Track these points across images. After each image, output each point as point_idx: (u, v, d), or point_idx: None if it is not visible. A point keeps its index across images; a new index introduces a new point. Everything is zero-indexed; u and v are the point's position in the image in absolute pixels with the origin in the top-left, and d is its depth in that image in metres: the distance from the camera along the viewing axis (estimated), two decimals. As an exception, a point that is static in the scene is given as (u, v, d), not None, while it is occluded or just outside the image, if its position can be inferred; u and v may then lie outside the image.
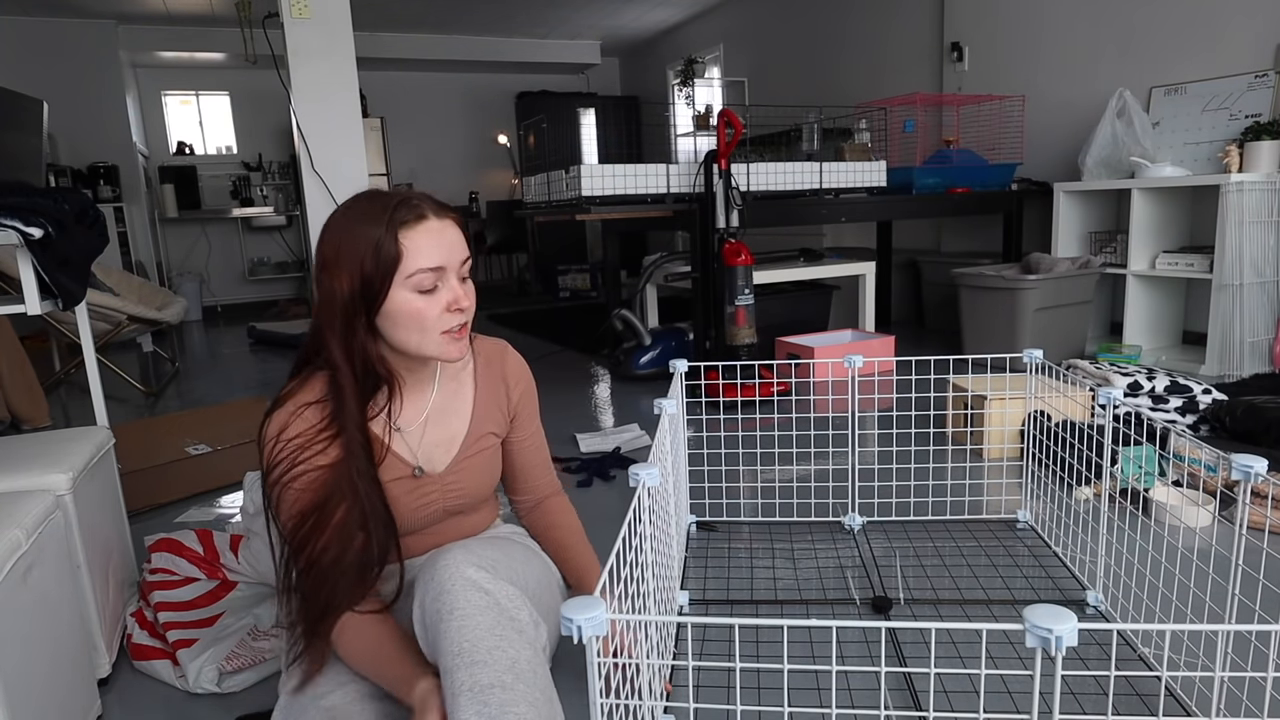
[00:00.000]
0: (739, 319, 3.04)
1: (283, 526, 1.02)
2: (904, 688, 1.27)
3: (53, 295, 1.60)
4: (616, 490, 2.24)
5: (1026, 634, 0.66)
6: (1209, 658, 1.26)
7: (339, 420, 1.02)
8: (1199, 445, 1.23)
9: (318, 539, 0.99)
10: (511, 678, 0.85)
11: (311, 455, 1.01)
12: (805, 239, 4.61)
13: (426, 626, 0.90)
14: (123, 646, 1.47)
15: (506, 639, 0.87)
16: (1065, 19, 4.15)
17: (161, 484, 2.34)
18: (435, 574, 0.91)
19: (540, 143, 7.33)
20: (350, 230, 1.00)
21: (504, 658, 0.86)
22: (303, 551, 0.99)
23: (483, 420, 1.19)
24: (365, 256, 0.98)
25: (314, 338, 1.06)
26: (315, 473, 1.01)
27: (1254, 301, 3.14)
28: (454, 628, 0.86)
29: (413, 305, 1.01)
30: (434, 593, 0.90)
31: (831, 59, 5.91)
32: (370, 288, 0.99)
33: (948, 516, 1.93)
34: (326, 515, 0.99)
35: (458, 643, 0.86)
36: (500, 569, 0.95)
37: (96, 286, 3.73)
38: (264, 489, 1.04)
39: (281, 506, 1.02)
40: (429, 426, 1.14)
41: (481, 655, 0.85)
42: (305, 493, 1.01)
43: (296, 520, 1.00)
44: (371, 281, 0.99)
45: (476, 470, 1.18)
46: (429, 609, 0.90)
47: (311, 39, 3.26)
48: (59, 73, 6.15)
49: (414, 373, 1.12)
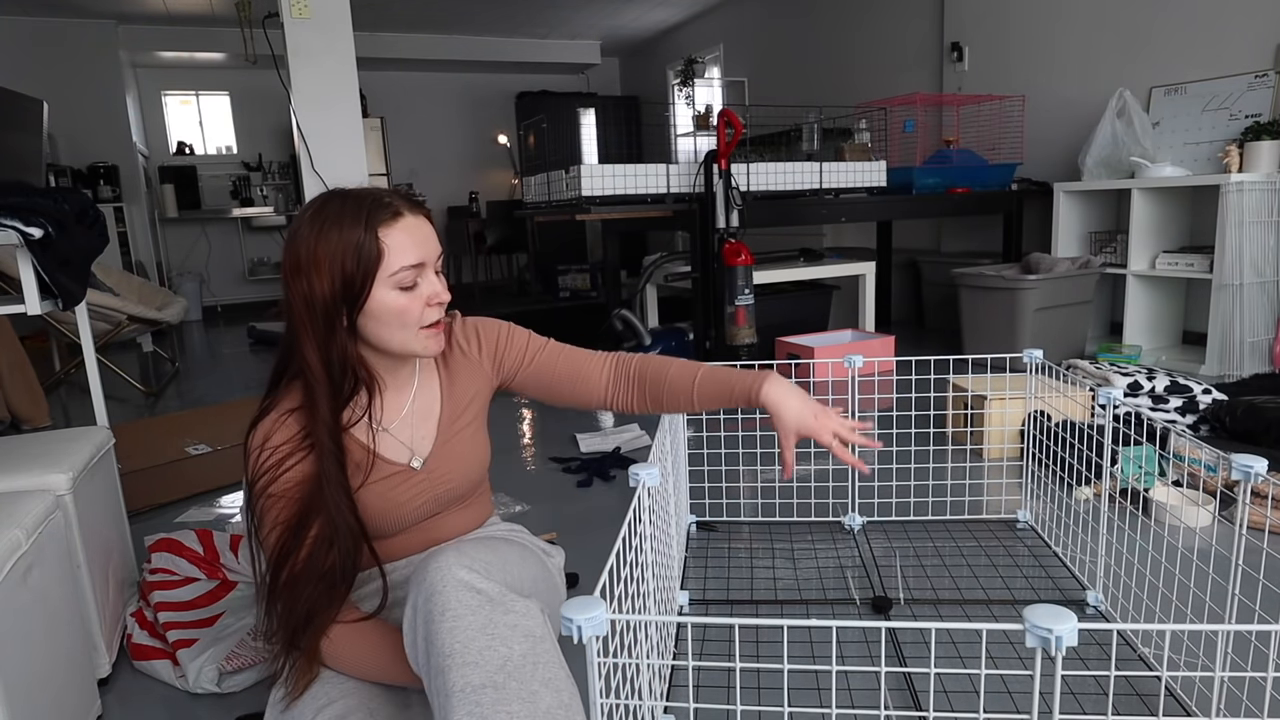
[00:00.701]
0: (739, 319, 3.04)
1: (266, 537, 1.01)
2: (904, 688, 1.27)
3: (53, 295, 1.60)
4: (616, 490, 2.24)
5: (1026, 634, 0.66)
6: (1209, 658, 1.26)
7: (313, 428, 1.02)
8: (1199, 445, 1.23)
9: (299, 551, 0.99)
10: (503, 677, 0.85)
11: (294, 464, 1.01)
12: (805, 239, 4.62)
13: (418, 629, 0.90)
14: (123, 646, 1.47)
15: (499, 637, 0.87)
16: (1065, 19, 4.15)
17: (161, 484, 2.34)
18: (427, 576, 0.91)
19: (540, 143, 7.32)
20: (325, 233, 0.99)
21: (495, 657, 0.85)
22: (285, 563, 0.99)
23: (455, 400, 1.18)
24: (346, 257, 0.97)
25: (287, 345, 1.05)
26: (297, 483, 1.01)
27: (1254, 301, 3.14)
28: (445, 628, 0.86)
29: (396, 302, 1.01)
30: (425, 594, 0.90)
31: (831, 59, 5.91)
32: (351, 288, 0.99)
33: (948, 516, 1.93)
34: (307, 526, 0.99)
35: (449, 644, 0.85)
36: (494, 570, 0.94)
37: (96, 286, 3.73)
38: (248, 499, 1.03)
39: (266, 517, 1.01)
40: (415, 420, 1.14)
41: (473, 656, 0.85)
42: (288, 503, 1.01)
43: (281, 530, 1.00)
44: (353, 281, 0.98)
45: (459, 453, 1.17)
46: (420, 610, 0.89)
47: (311, 39, 3.27)
48: (59, 73, 6.15)
49: (393, 371, 1.12)
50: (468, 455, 1.18)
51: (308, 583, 0.99)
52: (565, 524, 1.97)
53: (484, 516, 1.28)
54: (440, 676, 0.85)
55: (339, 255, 0.97)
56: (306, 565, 0.99)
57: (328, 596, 1.00)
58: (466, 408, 1.19)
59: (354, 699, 0.99)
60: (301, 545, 0.99)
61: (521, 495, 2.20)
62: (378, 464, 1.09)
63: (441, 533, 1.19)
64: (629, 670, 0.92)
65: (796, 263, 3.95)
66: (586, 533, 1.94)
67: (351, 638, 1.01)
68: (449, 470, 1.16)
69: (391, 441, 1.11)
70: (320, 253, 0.98)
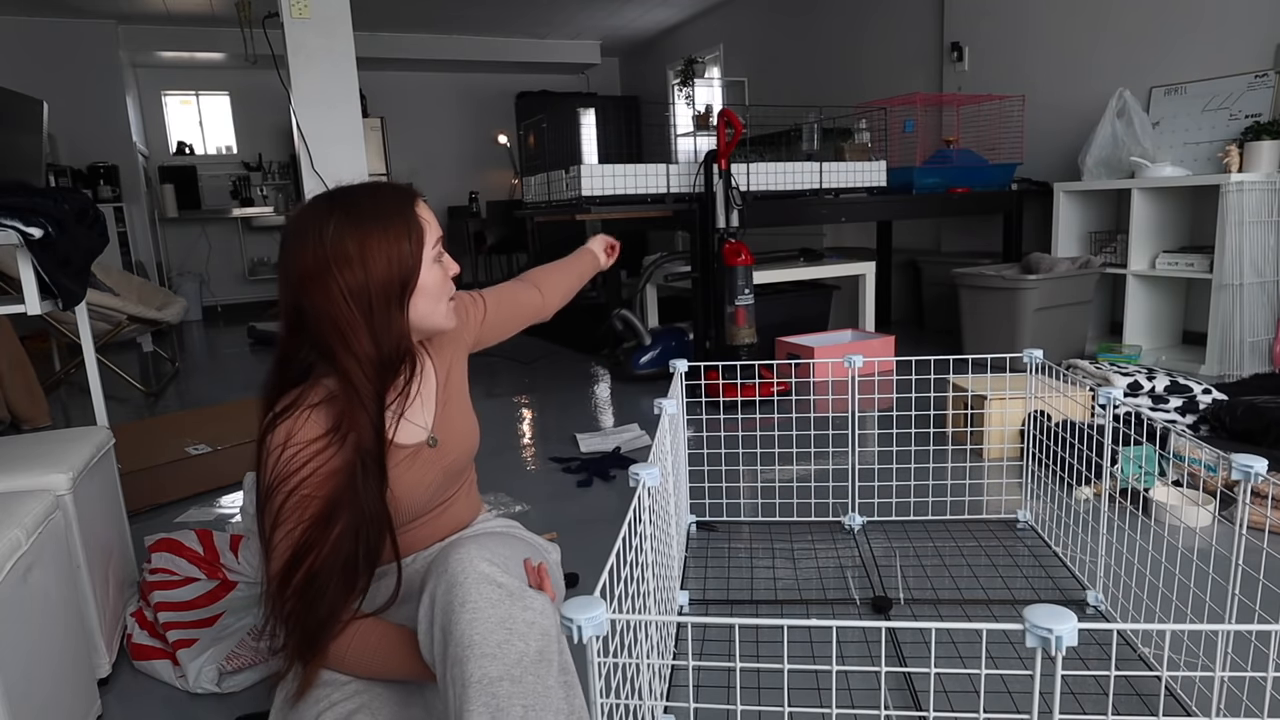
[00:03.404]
0: (739, 319, 3.04)
1: (288, 535, 0.99)
2: (904, 688, 1.27)
3: (53, 295, 1.60)
4: (616, 490, 2.24)
5: (1026, 634, 0.66)
6: (1209, 658, 1.26)
7: (351, 421, 1.01)
8: (1199, 445, 1.23)
9: (322, 547, 0.98)
10: (520, 671, 0.86)
11: (325, 460, 1.00)
12: (805, 239, 4.62)
13: (435, 619, 0.90)
14: (123, 646, 1.47)
15: (517, 632, 0.87)
16: (1065, 19, 4.15)
17: (161, 484, 2.34)
18: (449, 567, 0.91)
19: (540, 143, 7.32)
20: (365, 222, 1.01)
21: (513, 651, 0.86)
22: (304, 560, 0.98)
23: (443, 369, 1.20)
24: (399, 238, 1.03)
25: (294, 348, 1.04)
26: (327, 477, 1.00)
27: (1254, 301, 3.14)
28: (465, 620, 0.87)
29: (435, 275, 1.08)
30: (446, 585, 0.90)
31: (831, 59, 5.91)
32: (406, 266, 1.03)
33: (948, 516, 1.93)
34: (334, 522, 0.99)
35: (469, 635, 0.86)
36: (511, 564, 0.95)
37: (96, 286, 3.73)
38: (261, 499, 1.01)
39: (290, 516, 0.99)
40: (422, 399, 1.15)
41: (491, 648, 0.86)
42: (316, 500, 1.00)
43: (306, 526, 0.98)
44: (407, 259, 1.03)
45: (455, 422, 1.19)
46: (440, 601, 0.90)
47: (311, 39, 3.27)
48: (59, 73, 6.15)
49: None
50: (463, 422, 1.20)
51: (329, 578, 0.98)
52: (565, 524, 1.97)
53: (477, 508, 1.29)
54: (458, 666, 0.86)
55: (393, 238, 1.02)
56: (327, 562, 0.98)
57: (348, 592, 1.00)
58: (450, 375, 1.22)
59: (356, 700, 0.99)
60: (325, 542, 0.98)
61: (521, 495, 2.20)
62: (395, 449, 1.09)
63: (443, 525, 1.20)
64: (629, 670, 0.92)
65: (796, 263, 3.95)
66: (586, 533, 1.94)
67: (355, 636, 1.01)
68: (449, 438, 1.17)
69: (405, 425, 1.12)
70: (371, 239, 1.01)
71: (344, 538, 0.99)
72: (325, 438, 1.01)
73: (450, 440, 1.17)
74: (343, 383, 1.02)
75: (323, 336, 1.02)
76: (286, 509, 0.99)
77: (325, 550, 0.98)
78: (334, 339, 1.01)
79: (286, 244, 1.03)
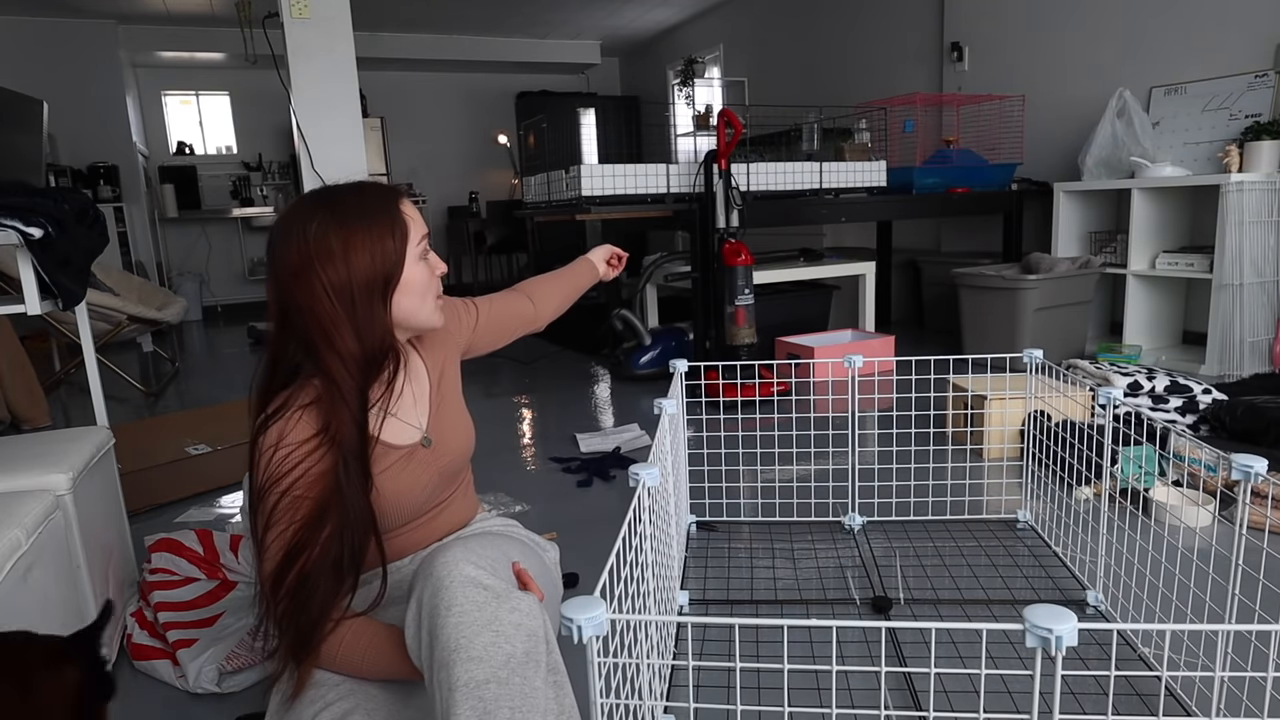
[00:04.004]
0: (739, 319, 3.04)
1: (280, 536, 1.00)
2: (904, 688, 1.27)
3: (53, 295, 1.60)
4: (616, 490, 2.25)
5: (1026, 634, 0.66)
6: (1209, 658, 1.26)
7: (334, 418, 1.01)
8: (1199, 445, 1.23)
9: (313, 548, 0.98)
10: (507, 673, 0.86)
11: (315, 461, 1.00)
12: (805, 239, 4.61)
13: (422, 622, 0.90)
14: (123, 646, 1.47)
15: (503, 634, 0.87)
16: (1065, 19, 4.15)
17: (161, 484, 2.34)
18: (434, 571, 0.91)
19: (540, 143, 7.32)
20: (349, 218, 1.02)
21: (499, 653, 0.86)
22: (297, 561, 0.98)
23: (435, 370, 1.20)
24: (383, 234, 1.03)
25: (284, 346, 1.04)
26: (317, 478, 1.00)
27: (1254, 301, 3.14)
28: (451, 623, 0.87)
29: (421, 273, 1.08)
30: (431, 588, 0.90)
31: (831, 59, 5.91)
32: (389, 261, 1.04)
33: (948, 516, 1.93)
34: (324, 523, 0.99)
35: (454, 638, 0.86)
36: (498, 566, 0.95)
37: (96, 286, 3.72)
38: (254, 501, 1.01)
39: (283, 517, 1.00)
40: (414, 399, 1.15)
41: (478, 651, 0.85)
42: (306, 501, 1.00)
43: (298, 527, 0.99)
44: (390, 255, 1.04)
45: (450, 422, 1.19)
46: (426, 604, 0.90)
47: (311, 39, 3.27)
48: (59, 73, 6.15)
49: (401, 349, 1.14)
50: (457, 424, 1.21)
51: (320, 577, 0.98)
52: (565, 524, 1.97)
53: (474, 508, 1.29)
54: (444, 670, 0.86)
55: (376, 234, 1.03)
56: (319, 563, 0.98)
57: (338, 591, 1.00)
58: (443, 375, 1.22)
59: (351, 700, 0.99)
60: (316, 542, 0.98)
61: (521, 495, 2.20)
62: (388, 450, 1.10)
63: (440, 527, 1.20)
64: (629, 670, 0.92)
65: (796, 263, 3.95)
66: (586, 533, 1.94)
67: (345, 636, 1.01)
68: (444, 439, 1.17)
69: (397, 425, 1.12)
70: (355, 236, 1.01)
71: (333, 539, 0.99)
72: (316, 438, 1.01)
73: (445, 441, 1.17)
74: (325, 379, 1.02)
75: (308, 334, 1.02)
76: (279, 510, 0.99)
77: (316, 551, 0.98)
78: (318, 336, 1.01)
79: (273, 243, 1.04)
